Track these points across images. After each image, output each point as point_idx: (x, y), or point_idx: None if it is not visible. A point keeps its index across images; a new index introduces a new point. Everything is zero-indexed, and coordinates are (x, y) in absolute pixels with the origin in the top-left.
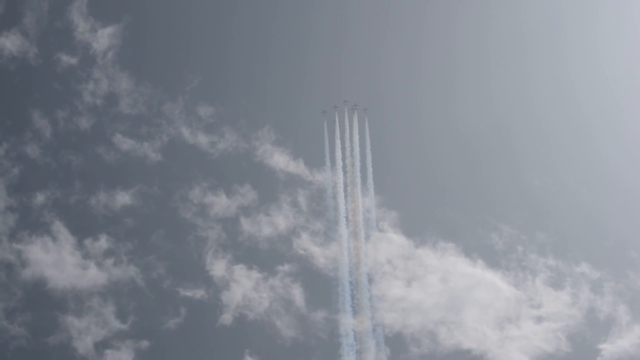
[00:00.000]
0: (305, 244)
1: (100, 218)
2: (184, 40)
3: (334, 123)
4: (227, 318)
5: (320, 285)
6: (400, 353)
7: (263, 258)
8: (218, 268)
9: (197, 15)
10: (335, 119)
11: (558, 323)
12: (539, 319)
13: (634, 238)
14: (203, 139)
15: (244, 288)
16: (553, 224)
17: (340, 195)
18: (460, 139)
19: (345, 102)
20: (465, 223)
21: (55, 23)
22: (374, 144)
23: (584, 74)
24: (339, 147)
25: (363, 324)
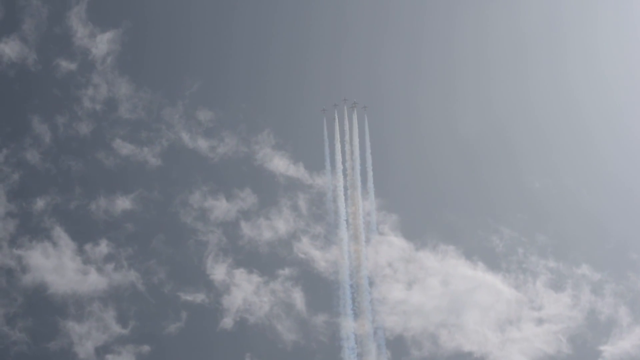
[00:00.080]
0: (306, 248)
1: (101, 223)
2: (183, 45)
3: (334, 122)
4: (227, 322)
5: (321, 289)
6: (402, 356)
7: (263, 262)
8: (218, 272)
9: (196, 20)
10: (335, 117)
11: (559, 325)
12: (540, 321)
13: (635, 239)
14: (203, 144)
15: (245, 292)
16: (553, 226)
17: (341, 199)
18: (460, 142)
19: (345, 100)
20: (466, 226)
21: (55, 29)
22: (374, 144)
23: (584, 76)
24: (339, 149)
25: (364, 327)
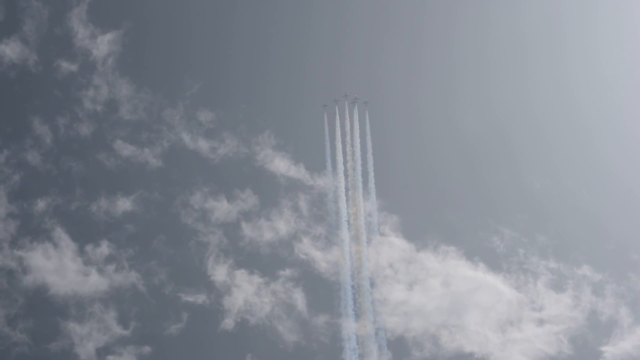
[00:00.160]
0: (307, 249)
1: (102, 224)
2: (184, 46)
3: (334, 119)
4: (228, 323)
5: (322, 290)
6: (403, 357)
7: (264, 263)
8: (219, 273)
9: (196, 21)
10: (336, 112)
11: (560, 325)
12: (541, 322)
13: (636, 240)
14: (203, 145)
15: (246, 293)
16: (554, 227)
17: (342, 200)
18: (461, 142)
19: (346, 95)
20: (467, 226)
21: (55, 30)
22: (375, 143)
23: (584, 76)
24: (340, 149)
25: (365, 328)
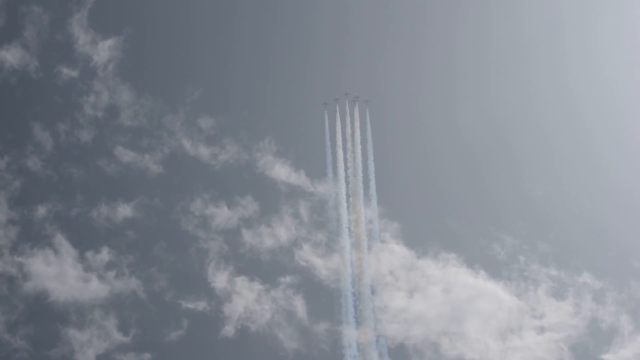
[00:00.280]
0: (307, 256)
1: (102, 230)
2: (185, 52)
3: (335, 119)
4: (229, 330)
5: (323, 297)
6: None
7: (265, 270)
8: (220, 280)
9: (197, 27)
10: (336, 110)
11: (560, 333)
12: (542, 330)
13: (637, 247)
14: (204, 151)
15: (246, 300)
16: (555, 234)
17: (342, 206)
18: (462, 149)
19: (347, 94)
20: (467, 234)
21: (56, 36)
22: (375, 143)
23: (585, 80)
24: (341, 156)
25: (366, 335)
